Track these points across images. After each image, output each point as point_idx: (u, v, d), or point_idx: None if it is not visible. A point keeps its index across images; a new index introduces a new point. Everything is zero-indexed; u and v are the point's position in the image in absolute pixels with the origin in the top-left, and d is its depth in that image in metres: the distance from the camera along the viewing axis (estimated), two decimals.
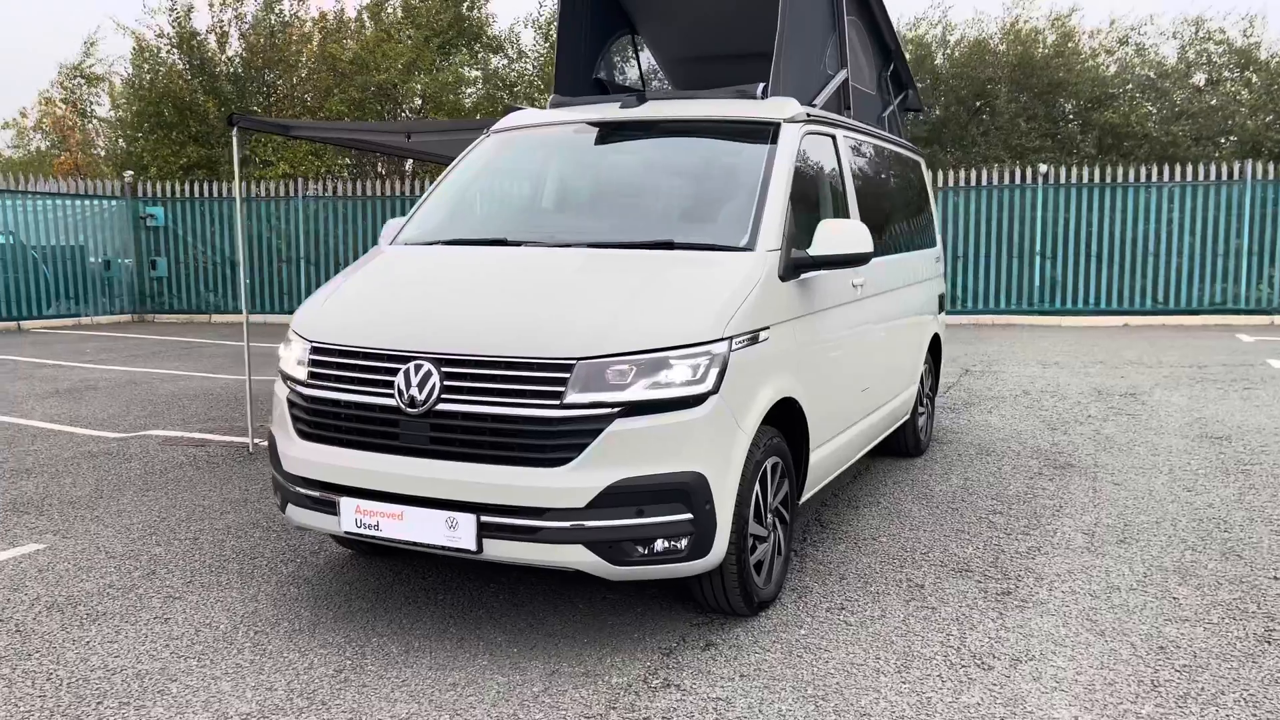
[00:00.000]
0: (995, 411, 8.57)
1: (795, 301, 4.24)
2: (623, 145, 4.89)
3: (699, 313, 3.66)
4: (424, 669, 3.53)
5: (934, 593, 4.28)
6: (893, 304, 5.81)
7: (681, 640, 3.79)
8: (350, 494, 3.69)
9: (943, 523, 5.32)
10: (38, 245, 17.22)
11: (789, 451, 4.22)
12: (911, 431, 6.71)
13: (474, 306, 3.83)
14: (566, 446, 3.42)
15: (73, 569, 4.56)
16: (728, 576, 3.80)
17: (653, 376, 3.49)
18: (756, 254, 4.03)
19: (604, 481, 3.40)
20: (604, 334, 3.52)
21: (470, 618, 4.00)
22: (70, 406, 8.90)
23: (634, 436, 3.44)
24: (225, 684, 3.41)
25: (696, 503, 3.51)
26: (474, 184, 4.94)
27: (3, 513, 5.49)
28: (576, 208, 4.86)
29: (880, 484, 6.14)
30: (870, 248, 4.37)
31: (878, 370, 5.51)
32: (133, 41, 20.05)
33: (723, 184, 4.50)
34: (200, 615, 4.02)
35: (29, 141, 28.66)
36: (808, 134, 4.73)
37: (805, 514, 5.45)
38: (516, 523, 3.44)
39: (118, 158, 22.45)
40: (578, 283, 3.91)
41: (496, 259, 4.24)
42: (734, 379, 3.66)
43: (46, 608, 4.09)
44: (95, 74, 25.28)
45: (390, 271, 4.32)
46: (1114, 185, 16.36)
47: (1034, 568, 4.59)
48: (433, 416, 3.55)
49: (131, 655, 3.63)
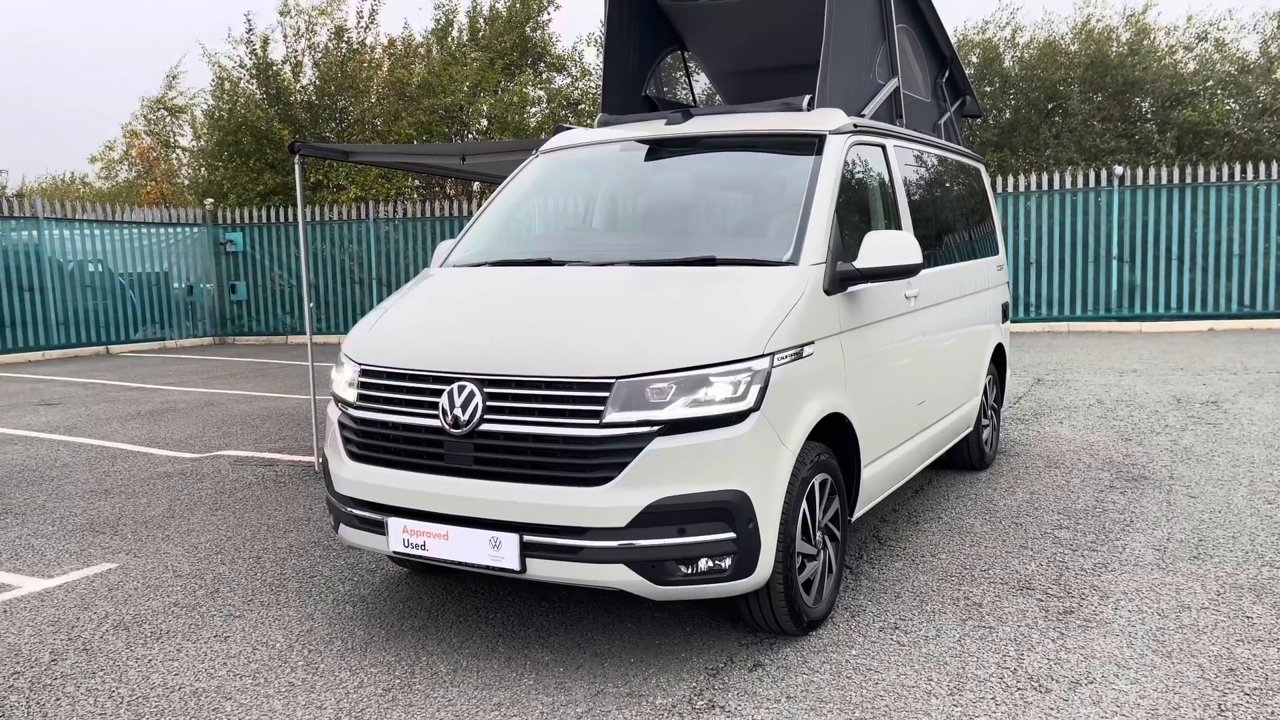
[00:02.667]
0: (1066, 422, 8.33)
1: (843, 315, 4.18)
2: (667, 162, 4.89)
3: (739, 329, 3.63)
4: (470, 689, 3.55)
5: (992, 611, 4.16)
6: (951, 314, 5.70)
7: (729, 660, 3.75)
8: (398, 514, 3.74)
9: (1005, 538, 5.18)
10: (125, 272, 17.90)
11: (839, 468, 4.15)
12: (975, 444, 6.56)
13: (516, 327, 3.86)
14: (607, 466, 3.42)
15: (141, 588, 4.70)
16: (775, 596, 3.75)
17: (692, 394, 3.47)
18: (800, 268, 3.99)
19: (644, 501, 3.39)
20: (642, 352, 3.51)
21: (519, 637, 4.02)
22: (150, 428, 9.21)
23: (674, 455, 3.42)
24: (277, 702, 3.48)
25: (739, 521, 3.47)
26: (521, 205, 4.99)
27: (80, 532, 5.69)
28: (620, 226, 4.87)
29: (942, 499, 6.01)
30: (919, 259, 4.30)
31: (935, 383, 5.40)
32: (214, 73, 20.75)
33: (767, 198, 4.47)
34: (258, 634, 4.10)
35: (116, 173, 29.85)
36: (855, 144, 4.67)
37: (862, 530, 5.36)
38: (558, 542, 3.45)
39: (199, 186, 23.23)
40: (618, 301, 3.91)
41: (540, 279, 4.27)
42: (777, 396, 3.62)
43: (114, 626, 4.23)
44: (178, 106, 26.23)
45: (437, 294, 4.38)
46: (1194, 185, 15.82)
47: (1100, 585, 4.44)
48: (476, 437, 3.58)
49: (190, 673, 3.73)
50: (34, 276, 16.41)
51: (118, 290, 17.73)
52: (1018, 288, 16.68)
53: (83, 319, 17.12)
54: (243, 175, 20.03)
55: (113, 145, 28.90)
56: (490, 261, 4.58)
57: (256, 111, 20.00)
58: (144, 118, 26.62)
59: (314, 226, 18.49)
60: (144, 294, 18.16)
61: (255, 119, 19.85)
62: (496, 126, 21.31)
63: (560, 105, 22.95)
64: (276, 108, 20.34)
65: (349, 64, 20.74)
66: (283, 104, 20.34)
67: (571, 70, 24.08)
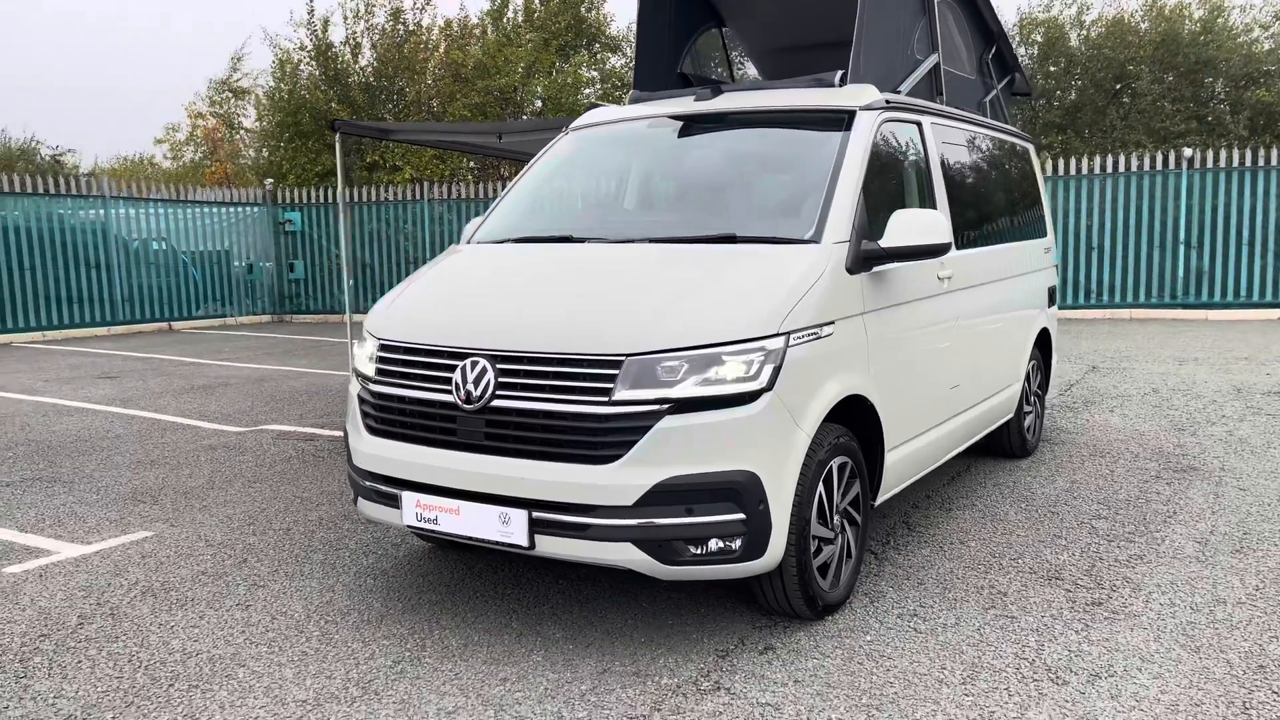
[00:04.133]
0: (1118, 411, 8.10)
1: (867, 295, 4.09)
2: (694, 139, 4.82)
3: (754, 308, 3.57)
4: (479, 663, 3.57)
5: (1017, 601, 4.06)
6: (990, 297, 5.55)
7: (740, 642, 3.71)
8: (412, 488, 3.76)
9: (1039, 527, 5.05)
10: (188, 251, 18.32)
11: (860, 451, 4.08)
12: (1016, 431, 6.40)
13: (531, 304, 3.84)
14: (615, 444, 3.39)
15: (173, 556, 4.80)
16: (788, 578, 3.69)
17: (704, 373, 3.42)
18: (821, 247, 3.91)
19: (652, 479, 3.36)
20: (654, 329, 3.47)
21: (533, 613, 4.02)
22: (201, 402, 9.41)
23: (683, 434, 3.38)
24: (289, 670, 3.52)
25: (749, 502, 3.42)
26: (548, 182, 4.97)
27: (122, 501, 5.84)
28: (643, 202, 4.82)
29: (979, 486, 5.88)
30: (947, 238, 4.18)
31: (970, 367, 5.28)
32: (274, 55, 21.09)
33: (792, 175, 4.39)
34: (279, 604, 4.17)
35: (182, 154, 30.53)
36: (886, 121, 4.56)
37: (892, 516, 5.27)
38: (566, 519, 3.44)
39: (260, 167, 23.67)
40: (634, 278, 3.87)
41: (559, 256, 4.24)
42: (791, 376, 3.56)
43: (142, 592, 4.32)
44: (242, 88, 26.71)
45: (458, 270, 4.38)
46: (1267, 168, 15.24)
47: (1133, 577, 4.31)
48: (487, 413, 3.58)
49: (209, 640, 3.80)
50: (101, 254, 16.86)
51: (181, 268, 18.15)
52: (1079, 273, 16.27)
53: (147, 296, 17.56)
54: (301, 156, 20.34)
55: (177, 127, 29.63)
56: (513, 238, 4.57)
57: (316, 93, 20.28)
58: (208, 99, 27.16)
59: (369, 207, 18.70)
60: (205, 272, 18.56)
61: (314, 100, 20.12)
62: (550, 107, 21.34)
63: (614, 86, 22.90)
64: (335, 89, 20.59)
65: (406, 45, 20.91)
66: (341, 85, 20.58)
67: (626, 50, 23.98)
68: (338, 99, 20.36)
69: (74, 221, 16.58)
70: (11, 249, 15.73)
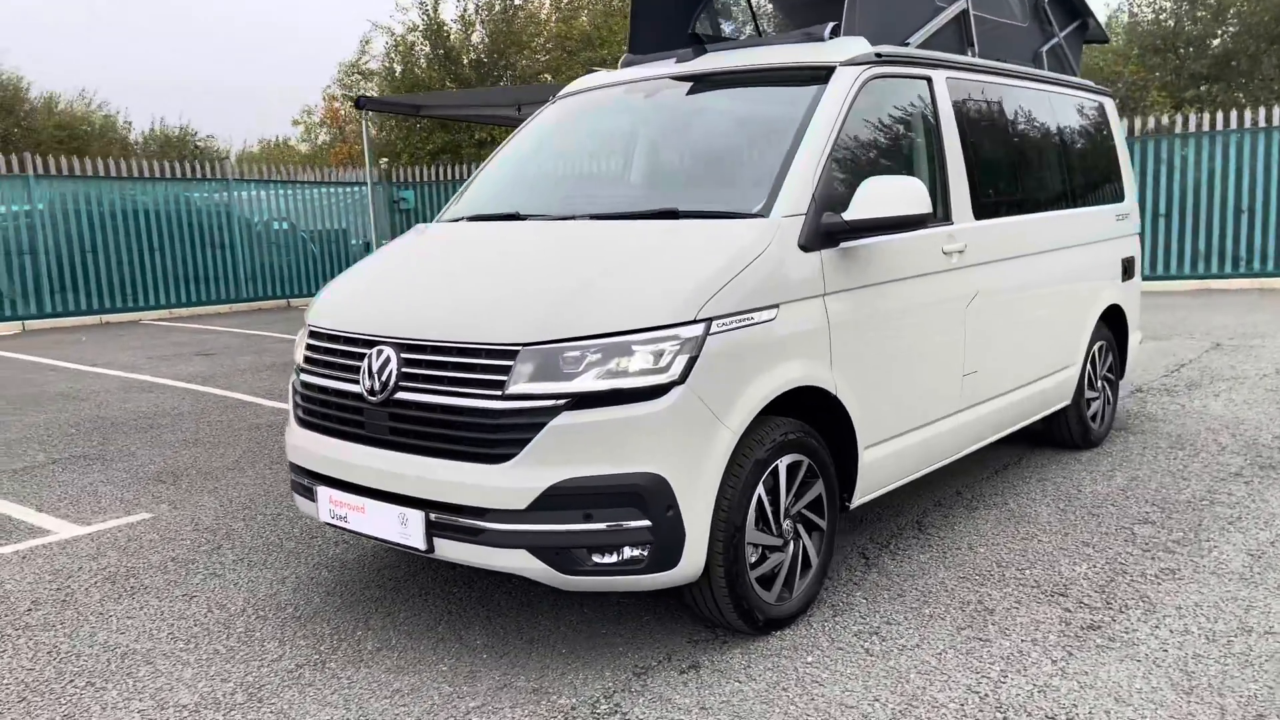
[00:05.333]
0: (1224, 395, 7.23)
1: (831, 275, 3.65)
2: (665, 104, 4.44)
3: (669, 292, 3.21)
4: (381, 670, 3.36)
5: (1001, 621, 3.57)
6: (1028, 271, 4.96)
7: (667, 658, 3.38)
8: (327, 483, 3.58)
9: (1070, 532, 4.48)
10: (308, 229, 18.94)
11: (824, 448, 3.66)
12: (1076, 420, 5.76)
13: (444, 289, 3.59)
14: (508, 442, 3.11)
15: (155, 540, 4.81)
16: (717, 591, 3.33)
17: (609, 364, 3.09)
18: (768, 221, 3.49)
19: (546, 482, 3.06)
20: (558, 316, 3.16)
21: (468, 615, 3.79)
22: (276, 380, 9.61)
23: (580, 432, 3.07)
24: (189, 671, 3.41)
25: (653, 507, 3.08)
26: (519, 153, 4.69)
27: (144, 481, 5.94)
28: (598, 174, 4.49)
29: (1021, 481, 5.31)
30: (925, 208, 3.69)
31: (995, 350, 4.71)
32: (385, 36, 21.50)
33: (755, 142, 3.96)
34: (224, 595, 4.08)
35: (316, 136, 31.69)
36: (876, 78, 4.06)
37: (905, 514, 4.79)
38: (461, 522, 3.18)
39: (378, 146, 24.27)
40: (555, 259, 3.56)
41: (493, 236, 3.97)
42: (713, 367, 3.18)
43: (105, 579, 4.32)
44: (370, 69, 27.39)
45: (396, 252, 4.17)
46: None
47: (1151, 596, 3.74)
48: (391, 405, 3.35)
49: (134, 634, 3.73)
50: (225, 235, 17.60)
51: (301, 246, 18.77)
52: (1225, 239, 14.80)
53: (268, 274, 18.24)
54: (414, 135, 20.66)
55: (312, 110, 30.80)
56: (468, 216, 4.32)
57: (429, 71, 20.54)
58: (339, 82, 28.03)
59: None
60: (324, 250, 19.14)
61: (428, 79, 20.39)
62: None
63: None
64: (447, 67, 20.81)
65: (515, 20, 20.92)
66: (452, 62, 20.79)
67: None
68: (450, 77, 20.57)
69: (201, 204, 17.37)
70: (143, 231, 16.59)
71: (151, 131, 35.06)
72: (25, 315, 15.31)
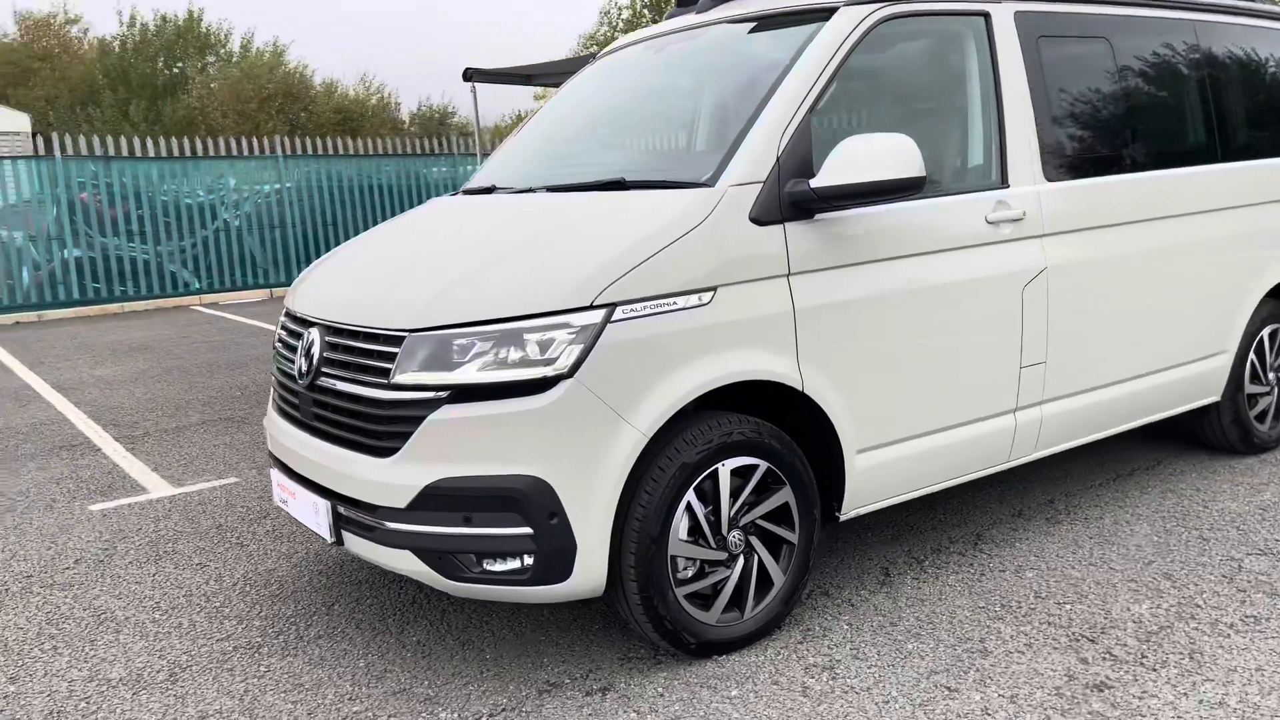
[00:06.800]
0: None
1: (801, 252, 3.14)
2: (668, 60, 4.01)
3: (568, 271, 2.87)
4: (303, 661, 3.29)
5: (991, 667, 2.97)
6: (1142, 240, 4.13)
7: (584, 676, 3.08)
8: (278, 466, 3.56)
9: (1158, 560, 3.71)
10: None
11: (799, 451, 3.19)
12: (1231, 419, 4.78)
13: (381, 268, 3.43)
14: (394, 435, 2.92)
15: (220, 506, 5.04)
16: (633, 609, 2.99)
17: (496, 354, 2.82)
18: (708, 191, 3.05)
19: (424, 480, 2.84)
20: (447, 299, 2.92)
21: (422, 611, 3.65)
22: None
23: (460, 427, 2.82)
24: (141, 644, 3.47)
25: (534, 514, 2.78)
26: (535, 122, 4.43)
27: (259, 447, 6.27)
28: (579, 140, 4.11)
29: (1139, 491, 4.47)
30: (916, 171, 3.08)
31: (1083, 336, 3.94)
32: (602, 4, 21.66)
33: (737, 99, 3.48)
34: (231, 567, 4.17)
35: None
36: (892, 18, 3.45)
37: (967, 525, 4.15)
38: (357, 517, 3.03)
39: None
40: (481, 237, 3.31)
41: (456, 211, 3.76)
42: (615, 358, 2.82)
43: (150, 541, 4.56)
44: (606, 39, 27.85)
45: (386, 228, 4.04)
46: None
47: (1206, 652, 2.99)
48: (314, 390, 3.25)
49: (128, 599, 3.87)
50: None
51: None
52: None
53: None
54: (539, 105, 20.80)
55: None
56: (464, 190, 4.14)
57: None
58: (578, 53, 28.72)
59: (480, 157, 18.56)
60: None
61: None
62: None
63: None
64: None
65: None
66: None
67: None
68: None
69: (434, 178, 18.37)
70: (379, 205, 17.77)
71: (417, 111, 37.70)
72: (275, 283, 16.83)
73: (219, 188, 16.37)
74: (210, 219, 16.09)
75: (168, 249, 15.62)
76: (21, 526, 4.85)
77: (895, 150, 3.07)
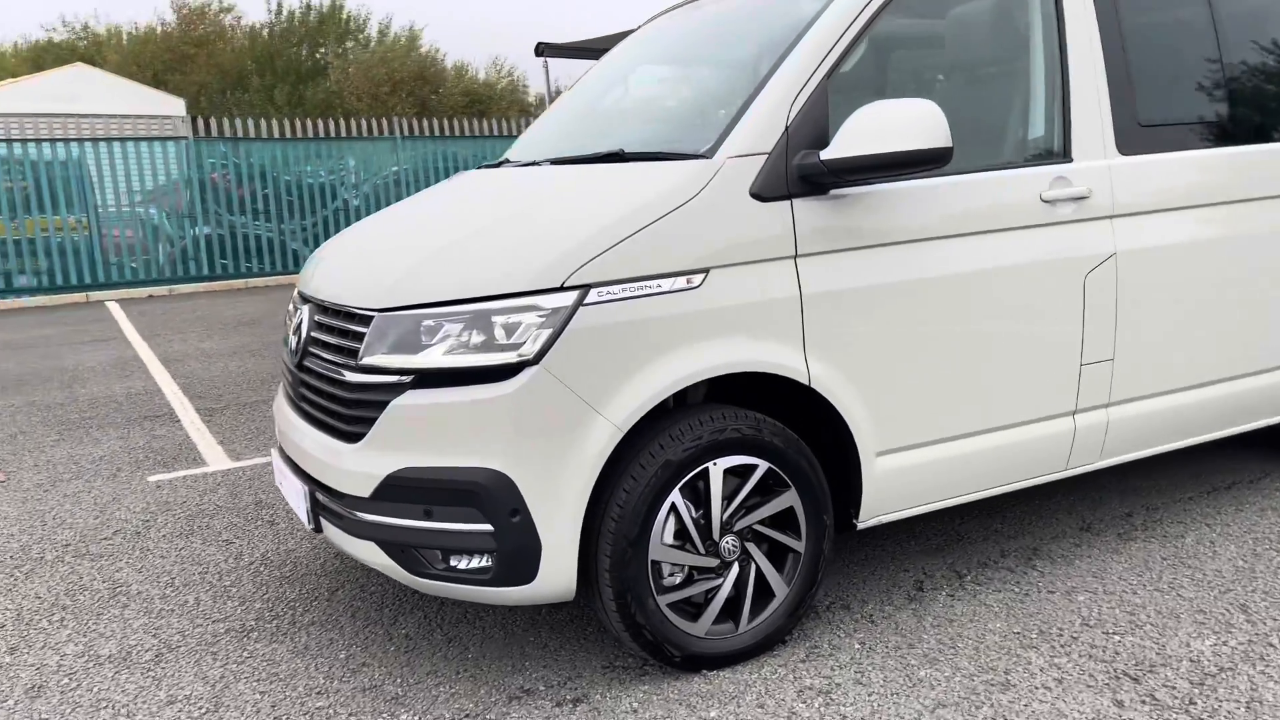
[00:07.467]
0: None
1: (810, 232, 2.84)
2: (701, 23, 3.73)
3: (536, 252, 2.65)
4: (286, 649, 3.19)
5: (1011, 704, 2.63)
6: (1246, 221, 3.63)
7: (561, 684, 2.87)
8: (276, 448, 3.48)
9: (1235, 588, 3.25)
10: None
11: (807, 451, 2.90)
12: None
13: (370, 245, 3.28)
14: (360, 420, 2.77)
15: (266, 482, 5.04)
16: (610, 617, 2.76)
17: (463, 336, 2.64)
18: (704, 164, 2.77)
19: (385, 469, 2.68)
20: (415, 278, 2.75)
21: (418, 603, 3.51)
22: None
23: (421, 415, 2.65)
24: (142, 620, 3.45)
25: (494, 510, 2.59)
26: (571, 91, 4.21)
27: None
28: (593, 114, 3.85)
29: (1235, 508, 3.98)
30: (941, 142, 2.73)
31: (1165, 330, 3.48)
32: None
33: (751, 62, 3.18)
34: (252, 545, 4.13)
35: None
36: None
37: (1023, 538, 3.76)
38: (330, 505, 2.91)
39: None
40: (468, 212, 3.12)
41: (457, 186, 3.58)
42: (587, 344, 2.59)
43: (189, 515, 4.60)
44: None
45: (400, 204, 3.90)
46: None
47: (1267, 701, 2.56)
48: (301, 370, 3.14)
49: (148, 574, 3.88)
50: None
51: None
52: None
53: None
54: None
55: None
56: (488, 164, 3.96)
57: None
58: None
59: None
60: None
61: None
62: None
63: None
64: None
65: None
66: None
67: None
68: None
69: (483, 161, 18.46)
70: None
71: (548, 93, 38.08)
72: None
73: (339, 168, 16.81)
74: (330, 199, 16.54)
75: (290, 227, 16.14)
76: (79, 495, 4.97)
77: (917, 118, 2.72)
